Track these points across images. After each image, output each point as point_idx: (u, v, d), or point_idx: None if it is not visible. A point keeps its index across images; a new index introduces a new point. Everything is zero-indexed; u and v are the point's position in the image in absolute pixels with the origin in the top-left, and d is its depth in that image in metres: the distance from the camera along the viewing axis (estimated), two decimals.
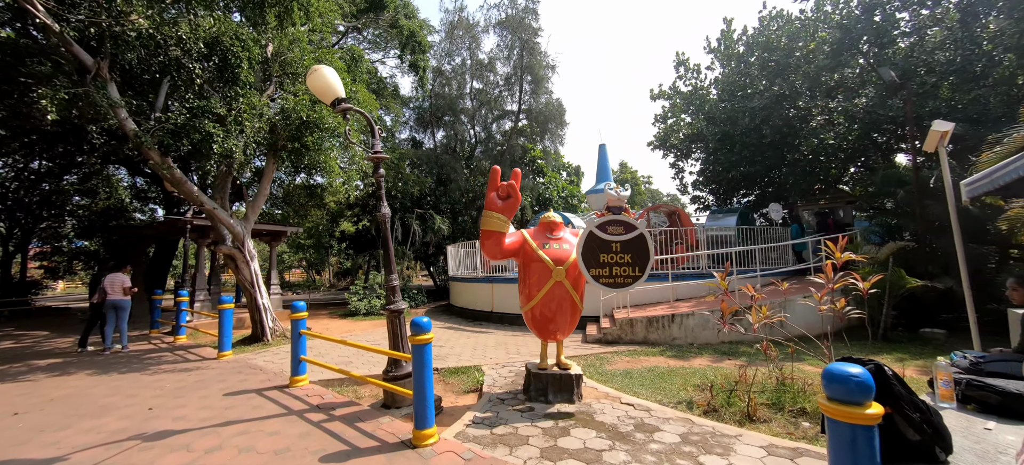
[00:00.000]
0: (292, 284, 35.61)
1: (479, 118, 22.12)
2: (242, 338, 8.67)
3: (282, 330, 8.61)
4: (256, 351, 7.48)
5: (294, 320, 5.12)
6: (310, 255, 35.75)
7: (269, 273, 13.00)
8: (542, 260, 4.70)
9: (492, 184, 4.69)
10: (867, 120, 10.02)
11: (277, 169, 8.32)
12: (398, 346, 4.46)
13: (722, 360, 7.11)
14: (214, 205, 7.48)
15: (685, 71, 16.96)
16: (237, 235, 7.89)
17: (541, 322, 4.90)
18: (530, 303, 4.85)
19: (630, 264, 4.58)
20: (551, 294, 4.72)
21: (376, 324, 11.58)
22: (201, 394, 5.01)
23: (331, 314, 14.19)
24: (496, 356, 7.16)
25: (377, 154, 4.44)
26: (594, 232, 4.60)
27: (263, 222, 13.93)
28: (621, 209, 4.39)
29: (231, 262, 8.14)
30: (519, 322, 10.73)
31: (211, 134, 6.54)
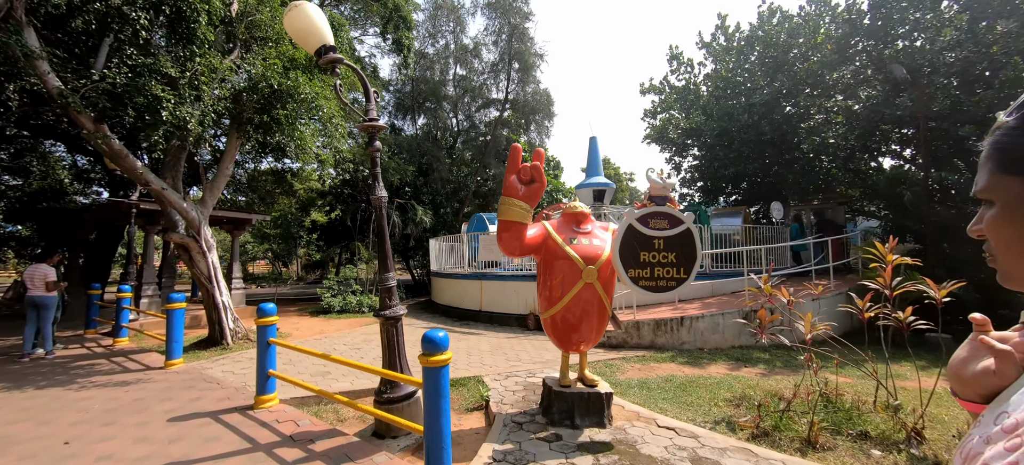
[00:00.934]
0: (256, 276, 33.49)
1: (462, 106, 21.10)
2: (197, 340, 7.51)
3: (245, 331, 7.50)
4: (213, 358, 6.38)
5: (261, 326, 4.16)
6: (277, 246, 33.74)
7: (231, 265, 11.68)
8: (569, 258, 3.95)
9: (512, 165, 3.88)
10: (871, 119, 9.78)
11: (241, 147, 7.18)
12: (396, 363, 3.61)
13: (739, 367, 6.60)
14: (163, 185, 6.29)
15: (678, 65, 16.58)
16: (192, 221, 6.73)
17: (564, 330, 4.15)
18: (552, 308, 4.09)
19: (674, 264, 3.89)
20: (579, 298, 3.97)
21: (352, 323, 10.54)
22: (139, 419, 3.98)
23: (301, 311, 12.98)
24: (495, 364, 6.38)
25: (372, 122, 3.55)
26: (635, 226, 3.88)
27: (224, 208, 12.53)
28: (665, 199, 3.66)
29: (184, 253, 6.96)
30: (511, 323, 9.99)
31: (159, 99, 5.40)
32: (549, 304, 4.14)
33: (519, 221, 3.83)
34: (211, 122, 5.91)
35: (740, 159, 11.96)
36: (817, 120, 11.73)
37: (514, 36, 18.25)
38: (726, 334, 7.73)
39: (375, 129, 3.57)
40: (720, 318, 7.73)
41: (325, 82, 6.86)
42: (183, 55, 5.78)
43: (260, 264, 42.05)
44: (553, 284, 4.08)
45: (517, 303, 10.03)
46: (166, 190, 6.31)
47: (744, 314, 7.86)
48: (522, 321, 9.81)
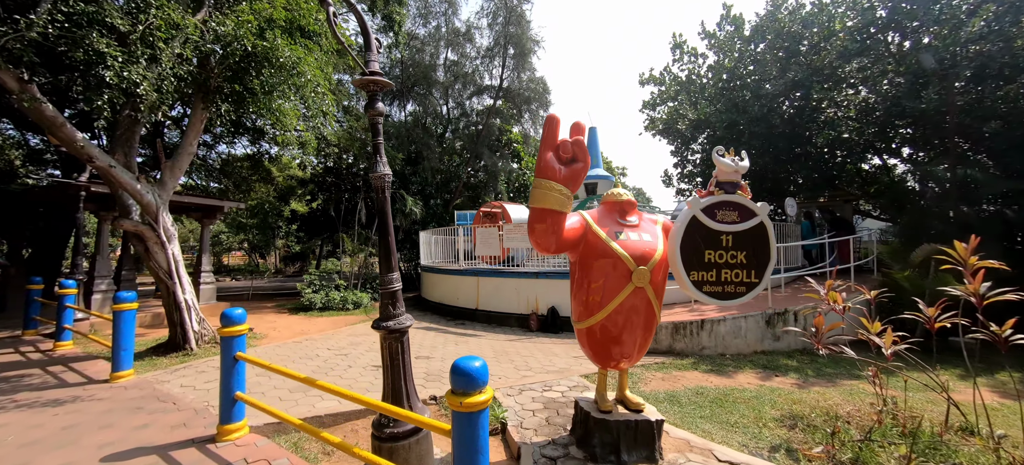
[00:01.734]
0: (231, 268, 31.83)
1: (453, 93, 20.11)
2: (156, 344, 6.51)
3: (213, 334, 6.54)
4: (172, 367, 5.43)
5: (227, 337, 3.29)
6: (253, 236, 32.11)
7: (200, 257, 10.56)
8: (616, 256, 3.20)
9: (548, 140, 3.10)
10: (890, 112, 9.32)
11: (212, 128, 6.15)
12: (402, 389, 2.81)
13: (770, 376, 6.03)
14: (110, 162, 5.26)
15: (681, 54, 16.00)
16: (147, 206, 5.72)
17: (604, 344, 3.42)
18: (592, 317, 3.35)
19: (744, 266, 3.19)
20: (626, 306, 3.24)
21: (336, 323, 9.62)
22: (61, 459, 3.08)
23: (279, 308, 11.95)
24: (503, 373, 5.62)
25: (373, 76, 2.72)
26: (699, 218, 3.16)
27: (194, 194, 11.35)
28: (736, 186, 2.95)
29: (139, 243, 5.95)
30: (511, 323, 9.25)
31: (102, 55, 4.41)
32: (587, 312, 3.40)
33: (557, 209, 3.07)
34: (170, 89, 4.92)
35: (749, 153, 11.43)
36: (829, 114, 11.29)
37: (511, 20, 17.34)
38: (748, 338, 7.16)
39: (377, 85, 2.74)
40: (742, 321, 7.15)
41: (309, 47, 5.91)
42: (136, 5, 4.78)
43: (236, 255, 40.11)
44: (593, 288, 3.34)
45: (517, 302, 9.29)
46: (114, 168, 5.29)
47: (767, 318, 7.31)
48: (523, 322, 9.08)
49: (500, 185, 20.67)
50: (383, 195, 2.79)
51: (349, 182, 16.88)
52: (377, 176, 2.76)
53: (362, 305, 11.74)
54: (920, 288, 7.53)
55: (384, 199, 2.81)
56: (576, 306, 3.56)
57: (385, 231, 2.81)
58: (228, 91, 5.64)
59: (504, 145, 21.56)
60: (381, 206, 2.81)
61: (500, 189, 20.68)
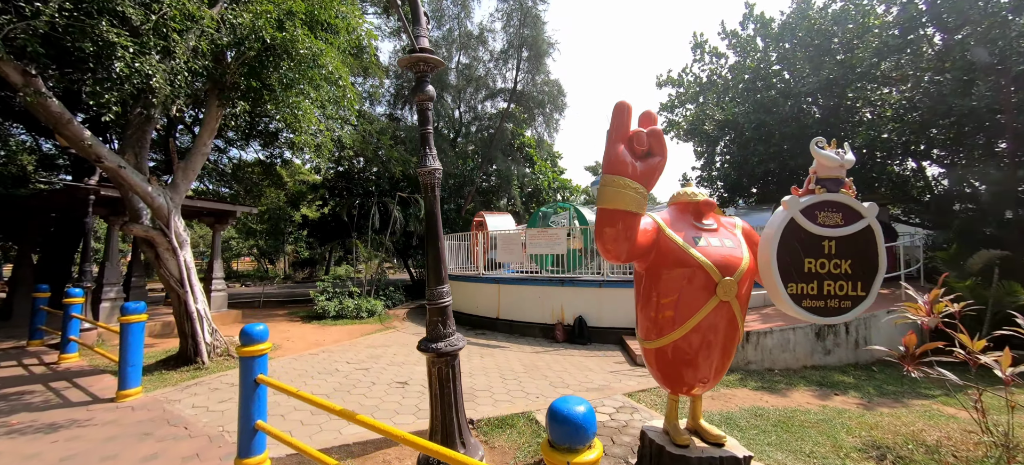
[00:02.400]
0: (240, 274, 31.73)
1: (465, 97, 19.81)
2: (166, 357, 6.13)
3: (226, 345, 6.15)
4: (183, 384, 5.03)
5: (247, 357, 2.87)
6: (263, 242, 32.02)
7: (212, 263, 10.23)
8: (697, 265, 2.75)
9: (619, 131, 2.66)
10: (934, 110, 8.78)
11: (224, 132, 5.81)
12: (454, 428, 2.37)
13: (828, 395, 5.50)
14: (119, 162, 4.91)
15: (702, 54, 15.54)
16: (158, 210, 5.36)
17: (677, 367, 2.97)
18: (664, 336, 2.89)
19: (849, 277, 2.72)
20: (708, 322, 2.79)
21: (351, 332, 9.22)
22: None
23: (291, 316, 11.58)
24: (539, 390, 5.15)
25: (424, 54, 2.30)
26: (798, 220, 2.70)
27: (205, 198, 11.05)
28: (840, 183, 2.48)
29: (149, 249, 5.58)
30: (534, 333, 8.78)
31: (112, 46, 4.07)
32: (659, 329, 2.94)
33: (632, 210, 2.62)
34: (184, 83, 4.56)
35: (780, 154, 10.93)
36: (863, 114, 10.75)
37: (525, 22, 17.02)
38: (797, 352, 6.64)
39: (427, 65, 2.33)
40: (791, 334, 6.63)
41: (329, 40, 5.54)
42: None
43: (245, 261, 40.08)
44: (666, 302, 2.88)
45: (541, 311, 8.82)
46: (124, 169, 4.93)
47: (817, 330, 6.78)
48: (547, 332, 8.61)
49: (513, 190, 20.28)
50: (433, 193, 2.36)
51: (361, 186, 16.57)
52: (427, 171, 2.33)
53: (376, 313, 11.35)
54: (982, 297, 6.97)
55: (434, 198, 2.38)
56: (643, 322, 3.10)
57: (434, 235, 2.38)
58: (245, 87, 5.28)
59: (517, 149, 21.19)
60: (430, 207, 2.38)
61: (513, 194, 20.29)
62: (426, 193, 2.38)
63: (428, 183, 2.36)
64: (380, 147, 12.73)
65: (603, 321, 8.26)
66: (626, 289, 8.24)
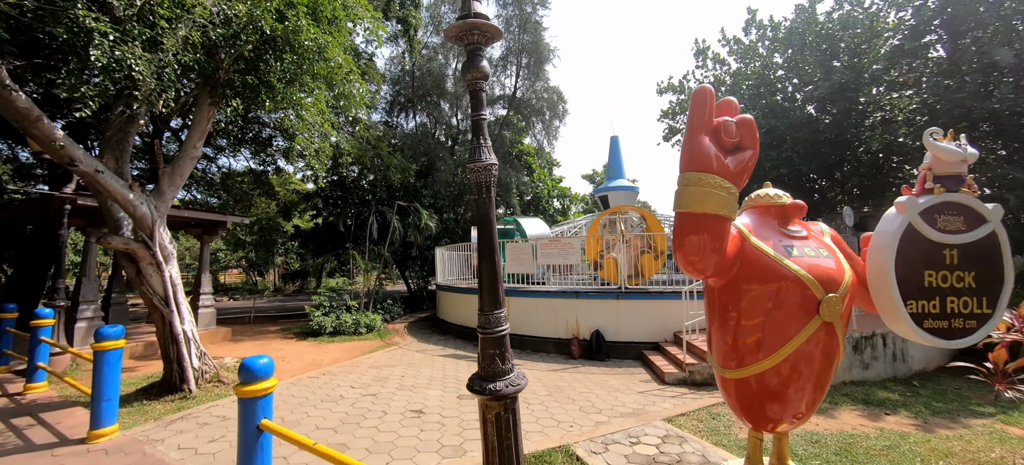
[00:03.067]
0: (228, 287, 30.70)
1: (462, 104, 19.41)
2: (147, 384, 5.50)
3: (216, 370, 5.54)
4: (167, 418, 4.43)
5: (247, 399, 2.34)
6: (252, 254, 31.07)
7: (200, 277, 9.57)
8: (794, 280, 2.31)
9: (701, 121, 2.24)
10: (952, 113, 8.58)
11: (215, 139, 5.26)
12: None
13: (879, 415, 5.08)
14: (96, 166, 4.34)
15: (705, 61, 15.38)
16: (141, 219, 4.79)
17: (764, 398, 2.51)
18: (750, 365, 2.44)
19: (973, 291, 2.29)
20: (806, 347, 2.34)
21: (350, 350, 8.61)
22: None
23: (284, 332, 10.91)
24: (572, 418, 4.64)
25: (476, 19, 1.85)
26: (916, 225, 2.27)
27: (195, 208, 10.40)
28: (960, 181, 2.04)
29: (130, 264, 4.99)
30: (548, 349, 8.26)
31: (90, 32, 3.54)
32: (740, 357, 2.49)
33: (722, 214, 2.18)
34: (173, 77, 4.04)
35: (792, 159, 10.66)
36: (876, 118, 10.56)
37: (526, 27, 16.75)
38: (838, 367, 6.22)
39: (483, 34, 1.87)
40: None
41: (332, 33, 5.07)
42: None
43: (232, 273, 38.91)
44: (752, 324, 2.43)
45: (555, 325, 8.33)
46: (102, 174, 4.36)
47: (854, 343, 6.39)
48: (561, 347, 8.11)
49: (513, 199, 19.85)
50: (487, 194, 1.89)
51: (357, 195, 15.99)
52: (481, 167, 1.86)
53: (375, 328, 10.74)
54: None
55: (488, 201, 1.90)
56: (720, 347, 2.64)
57: (489, 247, 1.89)
58: (240, 84, 4.77)
59: (515, 156, 20.82)
60: (485, 211, 1.91)
61: (513, 203, 19.85)
62: (480, 193, 1.90)
63: (482, 182, 1.89)
64: (379, 154, 12.21)
65: (621, 335, 7.79)
66: (645, 301, 7.80)
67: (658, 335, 7.67)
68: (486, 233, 1.93)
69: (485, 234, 1.93)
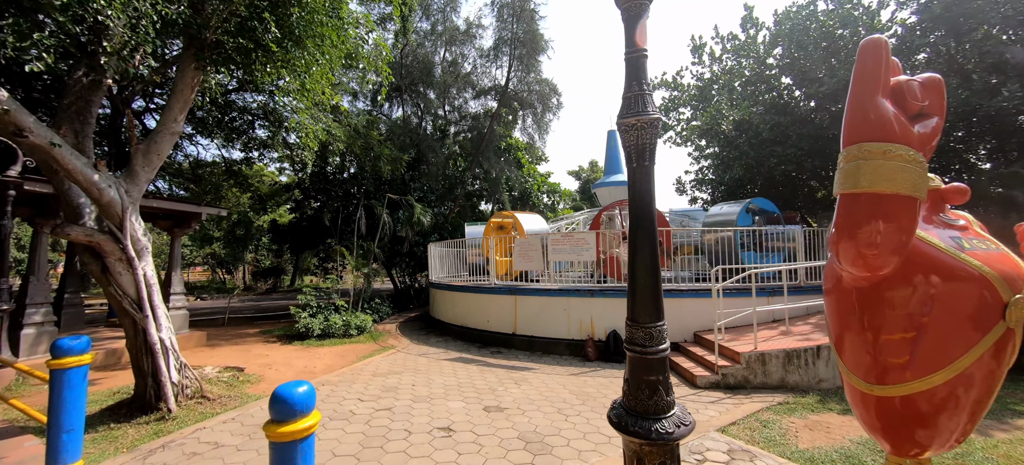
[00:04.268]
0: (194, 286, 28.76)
1: (451, 95, 18.66)
2: (114, 401, 4.66)
3: (198, 384, 4.75)
4: (145, 446, 3.67)
5: (282, 444, 1.71)
6: (220, 250, 29.26)
7: (169, 274, 8.57)
8: (977, 278, 1.88)
9: (874, 80, 1.77)
10: (959, 113, 8.62)
11: (201, 85, 4.43)
12: None
13: None
14: (51, 137, 3.51)
15: (702, 56, 15.24)
16: (108, 207, 3.97)
17: (915, 420, 2.09)
18: (913, 381, 2.00)
19: None
20: (984, 360, 1.93)
21: (343, 354, 7.88)
22: None
23: (265, 335, 9.99)
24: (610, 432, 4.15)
25: None
26: None
27: (164, 198, 9.29)
28: None
29: (94, 260, 4.16)
30: (559, 351, 7.77)
31: None
32: (892, 371, 2.04)
33: (914, 194, 1.73)
34: (150, 29, 3.28)
35: (797, 155, 10.58)
36: None
37: (521, 16, 16.16)
38: None
39: None
40: None
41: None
42: None
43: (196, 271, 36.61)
44: (911, 334, 1.99)
45: (568, 325, 7.86)
46: (59, 148, 3.53)
47: None
48: (575, 349, 7.65)
49: (503, 193, 19.29)
50: (647, 160, 1.35)
51: (341, 188, 15.02)
52: (644, 122, 1.34)
53: (366, 330, 9.99)
54: None
55: (647, 169, 1.36)
56: (861, 357, 2.19)
57: (648, 233, 1.36)
58: (232, 47, 4.01)
59: (505, 150, 20.25)
60: (643, 185, 1.37)
61: (503, 197, 19.29)
62: (640, 160, 1.35)
63: (643, 143, 1.35)
64: (368, 143, 11.38)
65: None
66: (666, 300, 7.43)
67: (677, 335, 7.32)
68: (645, 216, 1.38)
69: (644, 217, 1.38)
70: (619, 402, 1.44)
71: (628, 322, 1.41)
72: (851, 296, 2.23)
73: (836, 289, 2.33)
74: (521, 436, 3.91)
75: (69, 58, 3.74)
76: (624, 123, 1.36)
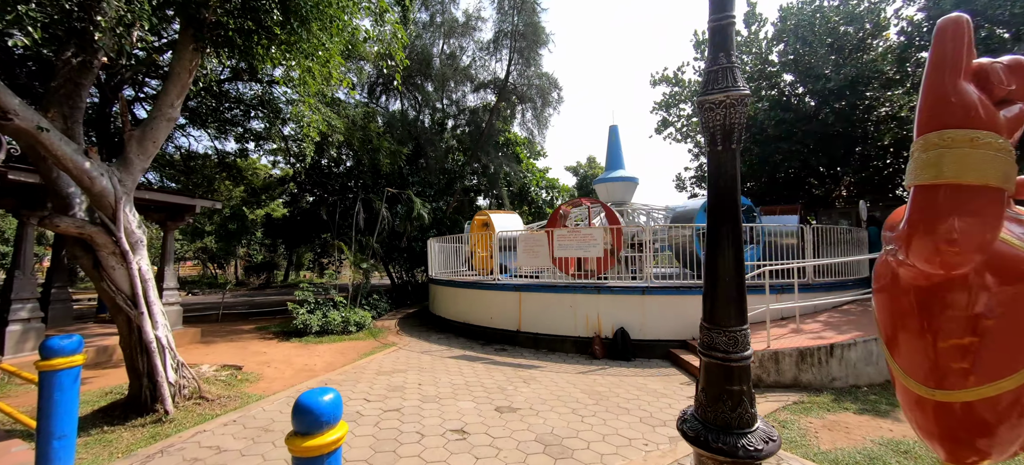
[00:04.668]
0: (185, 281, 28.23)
1: (449, 89, 18.37)
2: (106, 402, 4.44)
3: (196, 384, 4.54)
4: (142, 451, 3.46)
5: (307, 460, 1.52)
6: (212, 244, 28.76)
7: (163, 269, 8.30)
8: None
9: (957, 60, 1.62)
10: None
11: (198, 70, 4.18)
12: None
13: None
14: (38, 121, 3.27)
15: (704, 52, 15.14)
16: (100, 197, 3.73)
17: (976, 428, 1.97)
18: (981, 385, 1.88)
19: None
20: None
21: (344, 351, 7.68)
22: None
23: (261, 332, 9.74)
24: (639, 433, 4.03)
25: None
26: None
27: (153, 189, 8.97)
28: None
29: (85, 254, 3.92)
30: (564, 348, 7.64)
31: None
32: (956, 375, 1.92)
33: (1003, 186, 1.59)
34: (146, 5, 3.04)
35: (802, 152, 10.53)
36: (881, 112, 10.57)
37: (523, 8, 15.90)
38: (881, 365, 5.95)
39: None
40: (874, 345, 5.95)
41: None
42: None
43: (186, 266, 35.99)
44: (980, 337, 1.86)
45: (574, 322, 7.72)
46: (48, 133, 3.29)
47: None
48: (581, 346, 7.53)
49: (501, 188, 19.09)
50: (734, 142, 1.25)
51: (337, 182, 14.73)
52: (733, 99, 1.20)
53: (365, 326, 9.78)
54: None
55: (733, 153, 1.25)
56: (919, 361, 2.06)
57: (731, 225, 1.19)
58: (234, 28, 3.78)
59: (503, 145, 20.04)
60: (728, 170, 1.25)
61: (502, 192, 19.10)
62: (726, 143, 1.19)
63: (728, 123, 1.17)
64: (367, 135, 11.12)
65: (647, 333, 7.29)
66: (674, 296, 7.33)
67: (685, 333, 7.22)
68: (727, 208, 1.22)
69: (727, 204, 1.22)
70: (691, 413, 1.28)
71: (706, 325, 1.25)
72: (909, 295, 2.09)
73: (891, 286, 2.19)
74: (538, 438, 3.77)
75: (57, 37, 3.48)
76: (709, 100, 1.19)
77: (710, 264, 1.29)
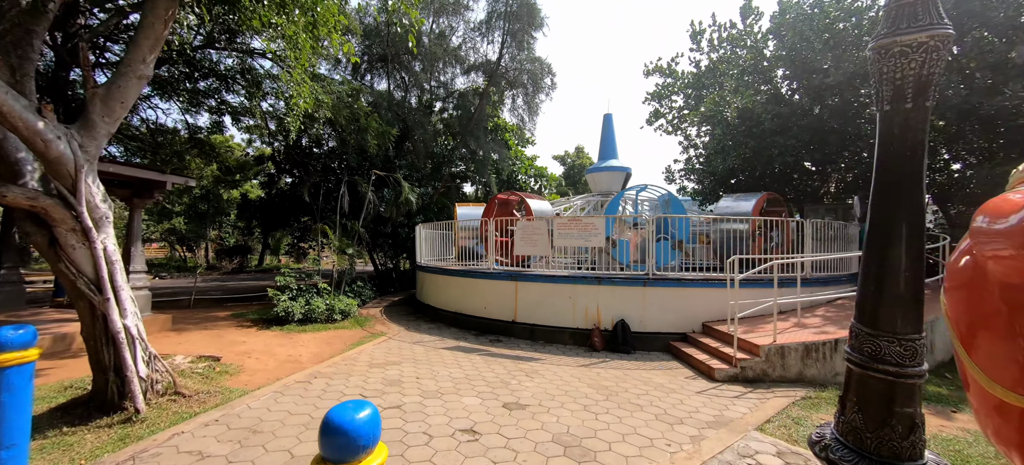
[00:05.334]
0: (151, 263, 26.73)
1: (437, 70, 17.72)
2: (65, 398, 3.93)
3: (170, 379, 4.08)
4: (109, 457, 3.03)
5: None
6: (182, 225, 27.33)
7: (130, 250, 7.62)
8: None
9: None
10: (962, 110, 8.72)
11: (175, 22, 3.63)
12: None
13: (949, 413, 4.80)
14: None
15: (701, 43, 14.98)
16: (57, 164, 3.21)
17: None
18: None
19: None
20: None
21: (330, 341, 7.26)
22: None
23: (239, 319, 9.15)
24: (657, 431, 3.83)
25: None
26: None
27: (120, 163, 8.17)
28: None
29: (39, 230, 3.39)
30: (562, 340, 7.43)
31: None
32: None
33: None
34: None
35: (797, 146, 10.54)
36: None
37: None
38: None
39: None
40: None
41: None
42: None
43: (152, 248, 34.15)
44: None
45: (572, 314, 7.51)
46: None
47: None
48: (580, 338, 7.33)
49: (490, 174, 18.66)
50: (924, 98, 0.89)
51: (319, 162, 13.99)
52: (922, 41, 0.85)
53: (351, 314, 9.33)
54: None
55: (923, 113, 0.91)
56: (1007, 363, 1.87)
57: (915, 214, 0.90)
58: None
59: (492, 130, 19.55)
60: (916, 141, 0.93)
61: (490, 179, 18.68)
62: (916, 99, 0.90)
63: (928, 73, 0.88)
64: (355, 114, 10.51)
65: (647, 326, 7.15)
66: (675, 289, 7.18)
67: (686, 326, 7.11)
68: (910, 186, 0.93)
69: (909, 186, 0.93)
70: (834, 436, 1.01)
71: (868, 331, 0.98)
72: (995, 293, 1.89)
73: (975, 282, 1.98)
74: (556, 439, 3.51)
75: None
76: (901, 43, 0.90)
77: (876, 256, 1.01)
